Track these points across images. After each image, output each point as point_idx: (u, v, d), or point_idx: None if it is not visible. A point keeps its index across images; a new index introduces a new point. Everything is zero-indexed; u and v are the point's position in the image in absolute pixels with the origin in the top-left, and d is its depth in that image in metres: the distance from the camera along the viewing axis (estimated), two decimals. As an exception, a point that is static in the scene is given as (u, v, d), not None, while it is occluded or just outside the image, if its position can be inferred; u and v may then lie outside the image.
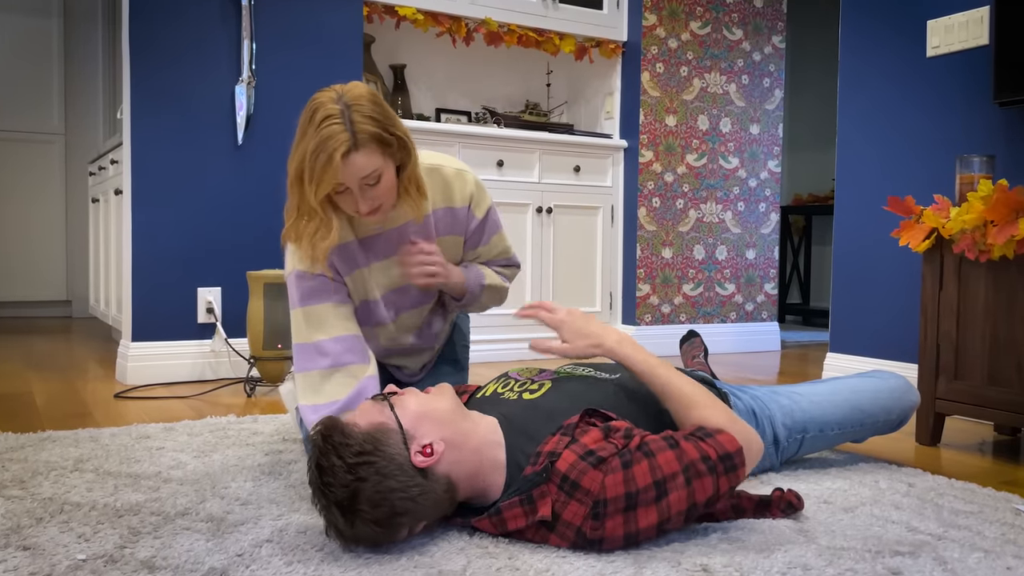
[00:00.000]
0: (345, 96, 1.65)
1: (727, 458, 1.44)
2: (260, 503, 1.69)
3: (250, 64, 3.33)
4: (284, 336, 3.08)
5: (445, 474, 1.42)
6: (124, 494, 1.73)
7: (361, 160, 1.65)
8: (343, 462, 1.33)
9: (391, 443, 1.38)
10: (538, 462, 1.44)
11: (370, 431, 1.38)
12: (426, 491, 1.38)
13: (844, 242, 3.32)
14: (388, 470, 1.35)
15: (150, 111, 3.23)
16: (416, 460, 1.38)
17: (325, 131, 1.62)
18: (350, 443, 1.35)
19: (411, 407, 1.45)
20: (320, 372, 1.81)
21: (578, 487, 1.38)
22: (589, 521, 1.37)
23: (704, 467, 1.42)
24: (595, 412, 1.55)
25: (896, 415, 1.99)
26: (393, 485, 1.35)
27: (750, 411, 1.86)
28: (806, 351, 4.72)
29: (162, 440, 2.23)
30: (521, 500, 1.42)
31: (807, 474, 1.96)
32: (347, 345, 1.83)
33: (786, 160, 6.93)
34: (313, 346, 1.82)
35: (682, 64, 4.40)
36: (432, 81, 4.47)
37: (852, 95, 3.29)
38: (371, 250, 1.91)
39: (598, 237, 4.36)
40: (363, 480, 1.33)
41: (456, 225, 1.97)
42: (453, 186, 1.95)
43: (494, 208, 2.03)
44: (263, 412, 2.69)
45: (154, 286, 3.25)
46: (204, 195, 3.32)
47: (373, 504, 1.33)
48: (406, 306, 2.01)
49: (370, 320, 1.97)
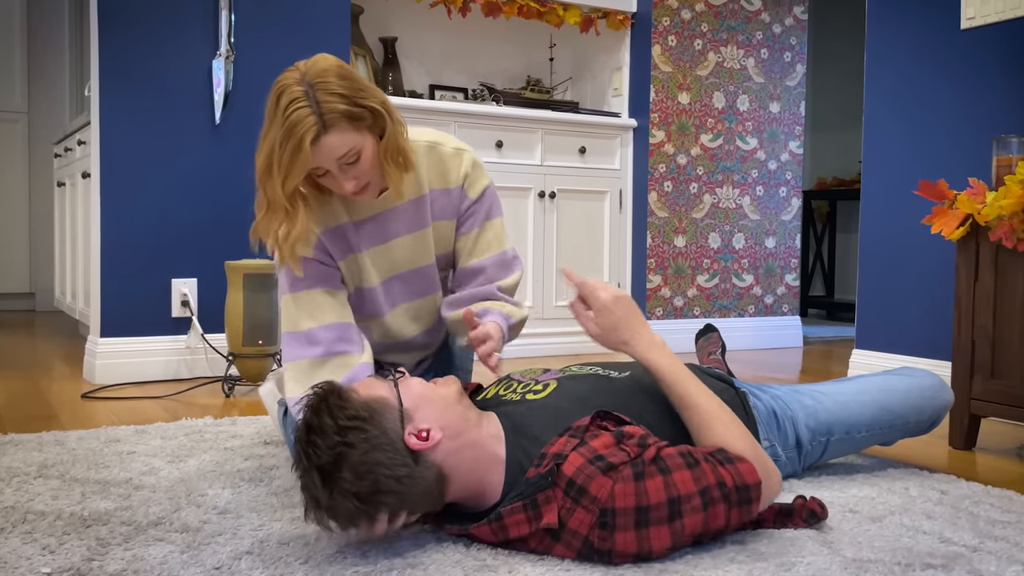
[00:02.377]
0: (308, 74, 1.65)
1: (744, 489, 1.45)
2: (239, 512, 1.68)
3: (228, 37, 3.32)
4: (265, 331, 3.08)
5: (438, 464, 1.43)
6: (92, 502, 1.73)
7: (333, 141, 1.66)
8: (334, 423, 1.35)
9: (388, 417, 1.40)
10: (543, 464, 1.44)
11: (368, 400, 1.41)
12: (414, 476, 1.40)
13: (871, 229, 3.31)
14: (379, 442, 1.37)
15: (120, 88, 3.22)
16: (410, 441, 1.40)
17: (292, 117, 1.62)
18: (345, 406, 1.38)
19: (415, 389, 1.48)
20: (310, 361, 1.82)
21: (585, 493, 1.38)
22: (596, 530, 1.37)
23: (719, 494, 1.43)
24: (607, 415, 1.55)
25: (928, 416, 1.99)
26: (380, 459, 1.36)
27: (770, 412, 1.86)
28: (830, 347, 4.72)
29: (133, 444, 2.23)
30: (524, 505, 1.42)
31: (832, 480, 1.96)
32: (339, 333, 1.84)
33: (808, 141, 6.93)
34: (304, 334, 1.83)
35: (696, 37, 4.39)
36: (426, 55, 4.46)
37: (880, 71, 3.28)
38: (366, 233, 1.90)
39: (605, 224, 4.35)
40: (351, 446, 1.35)
41: (449, 208, 1.97)
42: (449, 165, 1.95)
43: (492, 190, 2.02)
44: (243, 414, 2.68)
45: (125, 277, 3.25)
46: (179, 178, 3.31)
47: (356, 474, 1.34)
48: (407, 295, 2.00)
49: (363, 309, 1.97)
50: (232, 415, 2.65)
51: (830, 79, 6.82)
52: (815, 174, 6.94)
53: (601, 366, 1.81)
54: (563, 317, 4.19)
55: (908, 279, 3.17)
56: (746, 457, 1.48)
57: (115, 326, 3.24)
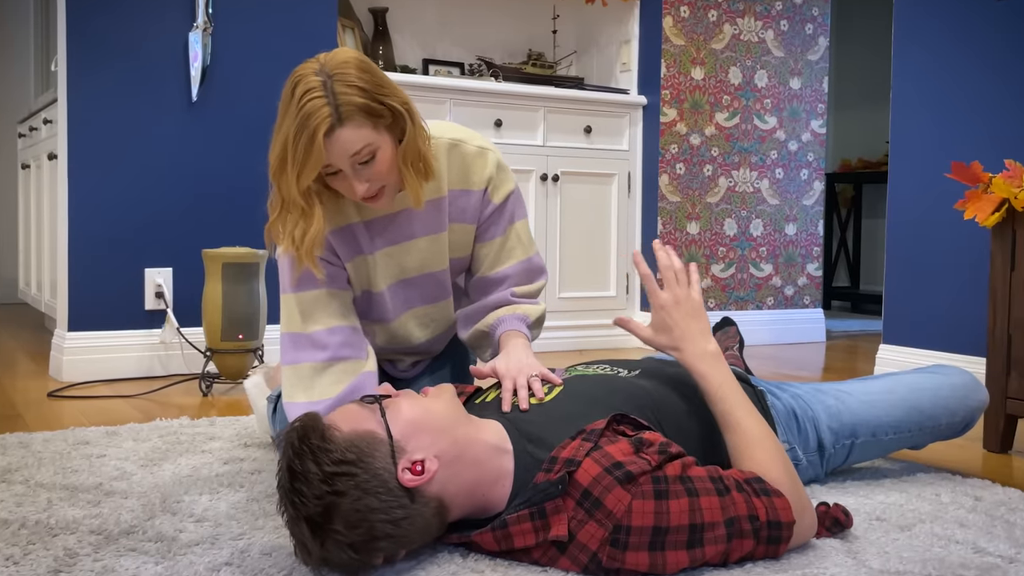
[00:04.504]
0: (327, 65, 1.66)
1: (776, 527, 1.45)
2: (218, 520, 1.68)
3: (206, 7, 3.31)
4: (246, 325, 3.08)
5: (436, 495, 1.41)
6: (59, 509, 1.73)
7: (348, 135, 1.66)
8: (319, 469, 1.32)
9: (377, 455, 1.37)
10: (553, 469, 1.43)
11: (354, 439, 1.37)
12: (411, 515, 1.38)
13: (900, 215, 3.31)
14: (370, 486, 1.34)
15: (90, 63, 3.21)
16: (404, 478, 1.37)
17: (306, 107, 1.63)
18: (330, 448, 1.34)
19: (404, 413, 1.44)
20: (312, 366, 1.83)
21: (600, 506, 1.37)
22: (607, 548, 1.37)
23: (748, 527, 1.42)
24: (624, 418, 1.55)
25: (960, 417, 1.98)
26: (374, 504, 1.34)
27: (790, 412, 1.86)
28: (855, 342, 4.73)
29: (103, 447, 2.23)
30: (532, 514, 1.41)
31: (857, 486, 1.96)
32: (344, 337, 1.85)
33: (832, 120, 6.92)
34: (307, 337, 1.84)
35: (710, 7, 4.38)
36: (419, 27, 4.45)
37: (909, 44, 3.27)
38: (378, 234, 1.91)
39: (612, 209, 4.35)
40: (340, 495, 1.32)
41: (469, 212, 1.96)
42: (473, 166, 1.94)
43: (518, 194, 2.02)
44: (221, 414, 2.68)
45: (94, 266, 3.24)
46: (153, 160, 3.31)
47: (349, 524, 1.32)
48: (416, 301, 2.01)
49: (369, 314, 1.98)
50: (210, 415, 2.64)
51: (855, 52, 6.81)
52: (839, 155, 6.94)
53: (610, 364, 1.81)
54: (568, 310, 4.19)
55: (940, 268, 3.17)
56: (784, 492, 1.48)
57: (84, 319, 3.24)
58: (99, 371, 3.24)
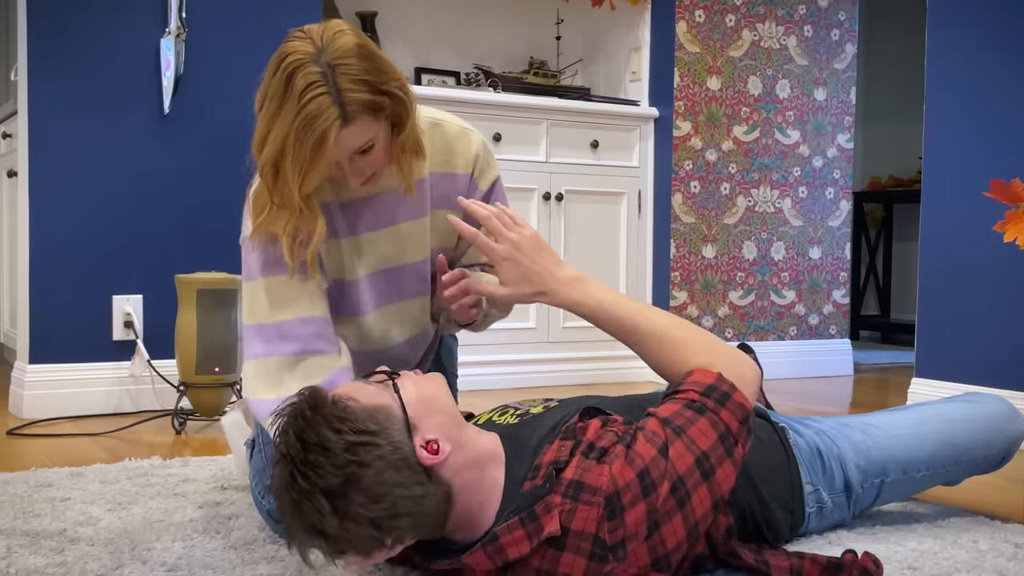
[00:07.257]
0: (327, 52, 1.65)
1: (712, 390, 1.53)
2: (192, 568, 1.68)
3: (179, 12, 3.34)
4: (223, 357, 3.08)
5: (448, 481, 1.44)
6: (19, 557, 1.73)
7: (352, 134, 1.68)
8: (341, 438, 1.34)
9: (394, 430, 1.40)
10: (539, 475, 1.47)
11: (371, 409, 1.40)
12: (428, 495, 1.41)
13: (934, 237, 3.32)
14: (393, 459, 1.37)
15: (53, 72, 3.23)
16: (421, 455, 1.40)
17: (310, 106, 1.63)
18: (347, 417, 1.37)
19: (412, 392, 1.48)
20: (280, 360, 1.81)
21: (583, 487, 1.42)
22: (606, 523, 1.40)
23: (721, 449, 1.50)
24: (595, 410, 1.61)
25: (998, 450, 1.98)
26: (396, 479, 1.36)
27: (814, 450, 1.86)
28: (885, 376, 4.73)
29: (68, 489, 2.23)
30: (523, 520, 1.43)
31: (887, 532, 1.96)
32: (317, 328, 1.83)
33: (860, 134, 6.94)
34: (274, 327, 1.82)
35: (728, 11, 4.41)
36: (411, 33, 4.48)
37: (944, 51, 3.29)
38: (357, 217, 1.91)
39: (621, 231, 4.36)
40: (364, 465, 1.34)
41: (453, 196, 1.97)
42: (455, 147, 1.97)
43: (501, 180, 2.05)
44: (196, 453, 2.69)
45: (58, 293, 3.25)
46: (122, 177, 3.32)
47: (373, 497, 1.34)
48: (393, 295, 2.00)
49: (342, 308, 1.96)
50: (183, 455, 2.65)
51: (886, 60, 6.83)
52: (868, 172, 6.95)
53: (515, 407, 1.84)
54: (572, 340, 4.19)
55: (978, 295, 3.17)
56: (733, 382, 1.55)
57: (46, 351, 3.25)
58: (63, 407, 3.24)
